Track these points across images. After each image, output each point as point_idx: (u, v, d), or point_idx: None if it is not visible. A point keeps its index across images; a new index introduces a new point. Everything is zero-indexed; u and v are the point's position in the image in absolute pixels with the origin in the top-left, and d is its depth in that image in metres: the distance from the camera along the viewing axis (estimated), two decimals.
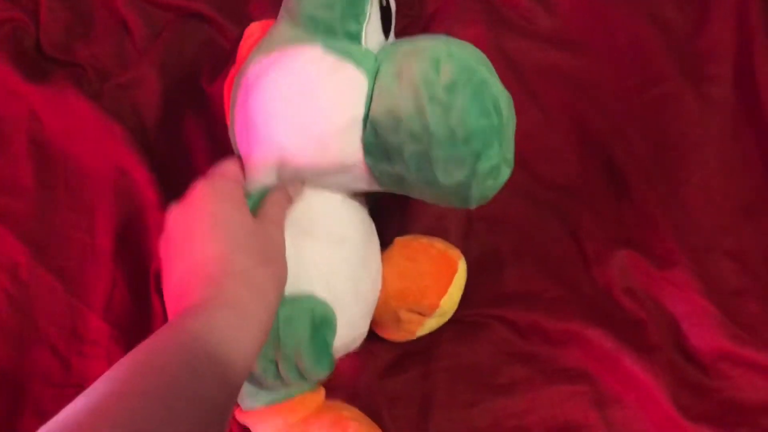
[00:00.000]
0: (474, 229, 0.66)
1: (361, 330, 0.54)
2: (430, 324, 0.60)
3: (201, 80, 0.77)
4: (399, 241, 0.59)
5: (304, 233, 0.48)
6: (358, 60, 0.44)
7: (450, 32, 0.76)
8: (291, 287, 0.46)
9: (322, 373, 0.46)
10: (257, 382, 0.49)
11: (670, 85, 0.71)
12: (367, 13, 0.45)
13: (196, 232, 0.41)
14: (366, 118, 0.43)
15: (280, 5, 0.79)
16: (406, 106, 0.41)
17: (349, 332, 0.51)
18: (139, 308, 0.66)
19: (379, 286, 0.55)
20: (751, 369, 0.58)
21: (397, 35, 0.79)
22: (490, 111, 0.41)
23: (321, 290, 0.48)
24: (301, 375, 0.46)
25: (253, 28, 0.52)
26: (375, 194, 0.51)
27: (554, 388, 0.59)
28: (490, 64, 0.44)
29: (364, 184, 0.47)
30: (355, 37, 0.45)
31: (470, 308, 0.62)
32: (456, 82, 0.41)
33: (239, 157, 0.50)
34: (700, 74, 0.72)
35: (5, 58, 0.75)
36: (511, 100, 0.44)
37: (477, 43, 0.45)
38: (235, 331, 0.37)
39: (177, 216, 0.43)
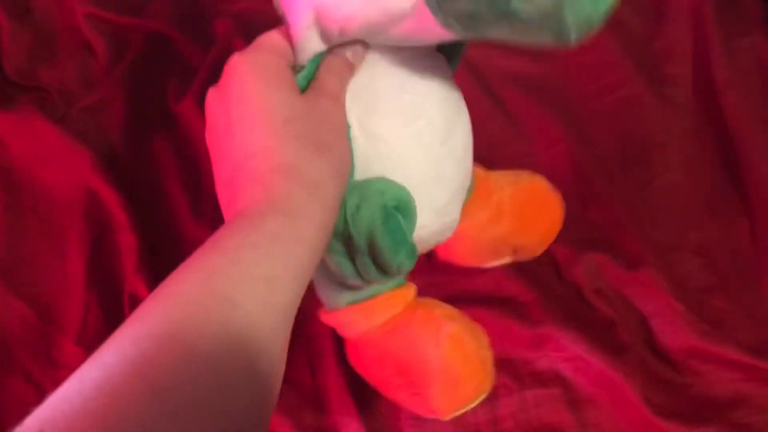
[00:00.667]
0: None
1: (451, 216, 0.47)
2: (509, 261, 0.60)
3: (167, 99, 0.77)
4: (528, 184, 0.58)
5: (369, 109, 0.41)
6: None
7: None
8: (360, 172, 0.42)
9: (403, 264, 0.40)
10: (338, 281, 0.45)
11: (631, 87, 0.73)
12: None
13: (236, 120, 0.35)
14: None
15: (243, 23, 0.80)
16: None
17: (435, 219, 0.45)
18: (113, 330, 0.65)
19: (470, 165, 0.48)
20: (720, 364, 0.59)
21: None
22: None
23: (395, 173, 0.42)
24: (381, 269, 0.41)
25: None
26: (455, 47, 0.45)
27: (528, 393, 0.59)
28: None
29: (431, 35, 0.36)
30: None
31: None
32: None
33: (285, 25, 0.40)
34: (660, 76, 0.74)
35: None
36: None
37: None
38: (290, 233, 0.32)
39: (214, 101, 0.38)
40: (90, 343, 0.65)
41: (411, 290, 0.49)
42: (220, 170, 0.36)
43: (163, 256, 0.68)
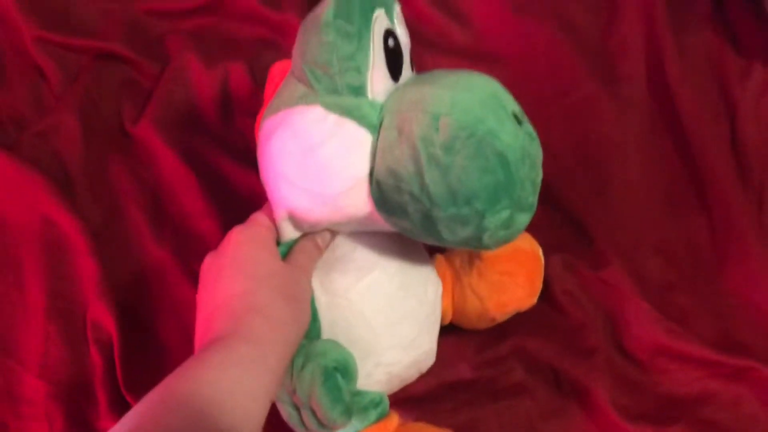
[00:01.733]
0: None
1: (423, 348, 0.53)
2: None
3: (123, 121, 0.76)
4: (486, 255, 0.57)
5: (328, 272, 0.49)
6: (360, 116, 0.42)
7: None
8: (327, 327, 0.49)
9: (338, 420, 0.45)
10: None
11: (586, 88, 0.73)
12: (370, 62, 0.42)
13: (224, 272, 0.44)
14: (372, 172, 0.42)
15: (196, 40, 0.79)
16: (405, 166, 0.40)
17: (405, 355, 0.51)
18: (75, 361, 0.64)
19: (435, 299, 0.54)
20: (686, 362, 0.60)
21: None
22: (494, 167, 0.39)
23: (357, 324, 0.49)
24: (320, 423, 0.46)
25: (276, 69, 0.50)
26: None
27: (499, 405, 0.59)
28: (505, 102, 0.41)
29: (384, 228, 0.46)
30: (359, 90, 0.43)
31: None
32: (455, 140, 0.39)
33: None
34: (614, 75, 0.75)
35: None
36: (531, 140, 0.42)
37: None
38: (256, 359, 0.39)
39: (210, 260, 0.46)
40: (51, 376, 0.63)
41: (393, 420, 0.53)
42: (202, 311, 0.44)
43: (124, 281, 0.67)
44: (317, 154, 0.42)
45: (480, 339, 0.62)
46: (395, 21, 0.45)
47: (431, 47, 0.77)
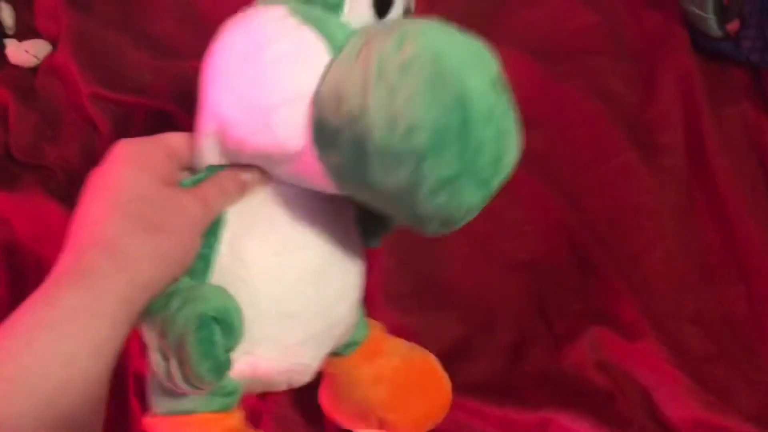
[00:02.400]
0: (444, 311, 0.68)
1: (302, 360, 0.46)
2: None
3: None
4: (421, 359, 0.56)
5: (244, 231, 0.42)
6: (324, 29, 0.36)
7: None
8: (216, 280, 0.42)
9: (205, 377, 0.39)
10: (159, 382, 0.43)
11: (624, 157, 0.74)
12: None
13: (88, 194, 0.38)
14: (316, 94, 0.36)
15: None
16: (352, 81, 0.34)
17: (279, 356, 0.44)
18: (117, 411, 0.66)
19: (347, 317, 0.47)
20: None
21: None
22: (448, 103, 0.32)
23: (245, 297, 0.41)
24: (185, 377, 0.40)
25: None
26: (378, 226, 0.48)
27: None
28: (488, 62, 0.35)
29: (319, 183, 0.39)
30: (334, 7, 0.38)
31: None
32: (413, 60, 0.33)
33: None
34: (652, 144, 0.75)
35: None
36: (504, 110, 0.36)
37: None
38: (83, 306, 0.34)
39: (89, 178, 0.39)
40: None
41: (234, 416, 0.46)
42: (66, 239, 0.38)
43: None
44: (263, 53, 0.37)
45: (506, 406, 0.62)
46: None
47: None
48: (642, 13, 0.84)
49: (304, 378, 0.47)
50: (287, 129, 0.37)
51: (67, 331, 0.33)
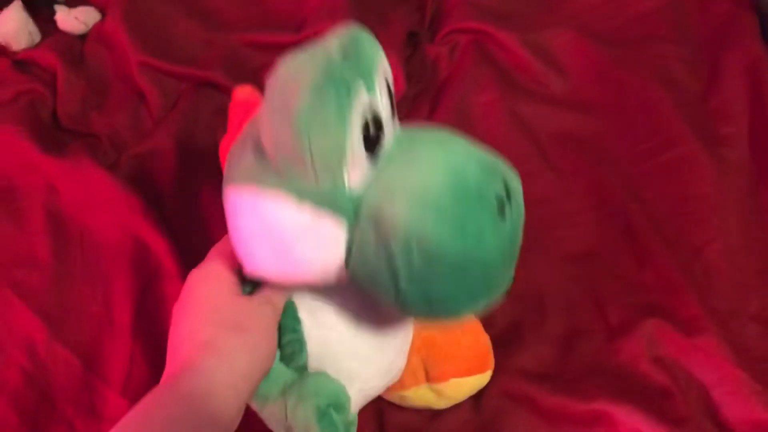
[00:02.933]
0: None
1: (396, 370, 0.54)
2: (418, 394, 0.58)
3: (217, 148, 0.77)
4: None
5: (319, 303, 0.49)
6: (336, 208, 0.39)
7: (463, 100, 0.77)
8: (314, 357, 0.48)
9: None
10: None
11: (685, 147, 0.71)
12: (347, 155, 0.38)
13: (177, 317, 0.44)
14: (348, 261, 0.40)
15: None
16: (381, 272, 0.39)
17: (383, 378, 0.53)
18: (158, 382, 0.65)
19: (409, 323, 0.55)
20: None
21: (411, 101, 0.80)
22: (474, 280, 0.38)
23: (345, 354, 0.49)
24: None
25: (239, 96, 0.52)
26: None
27: None
28: (487, 190, 0.38)
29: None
30: (335, 181, 0.39)
31: (493, 388, 0.60)
32: (433, 259, 0.37)
33: None
34: (715, 135, 0.73)
35: (23, 131, 0.76)
36: (514, 231, 0.40)
37: (491, 109, 0.44)
38: (201, 390, 0.39)
39: (175, 306, 0.46)
40: (134, 396, 0.64)
41: None
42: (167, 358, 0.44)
43: None
44: (291, 251, 0.40)
45: (560, 395, 0.60)
46: (375, 87, 0.39)
47: (527, 95, 0.77)
48: None
49: (399, 376, 0.56)
50: (326, 282, 0.42)
51: (190, 406, 0.38)
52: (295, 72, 0.37)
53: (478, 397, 0.60)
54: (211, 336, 0.42)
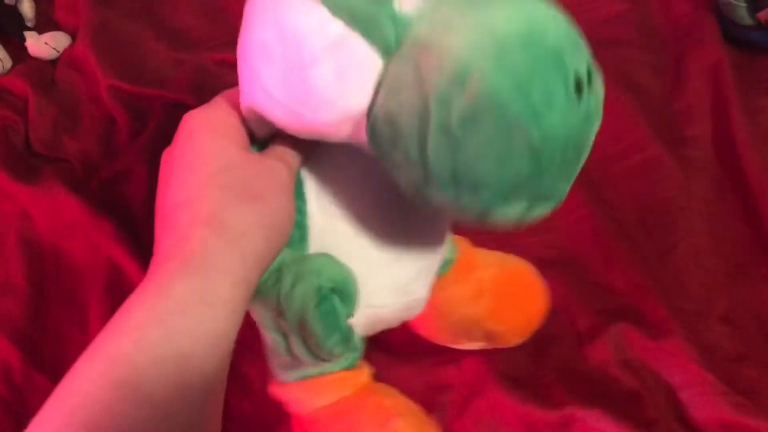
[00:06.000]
0: None
1: (415, 295, 0.45)
2: (482, 347, 0.58)
3: None
4: (515, 267, 0.57)
5: (329, 184, 0.40)
6: (374, 32, 0.30)
7: None
8: (315, 249, 0.40)
9: (334, 350, 0.39)
10: (278, 356, 0.43)
11: (650, 150, 0.72)
12: None
13: (172, 171, 0.34)
14: (371, 107, 0.32)
15: None
16: (409, 121, 0.30)
17: (396, 298, 0.44)
18: None
19: (441, 243, 0.46)
20: None
21: None
22: (520, 159, 0.29)
23: (350, 252, 0.40)
24: (312, 352, 0.39)
25: None
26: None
27: None
28: (567, 60, 0.30)
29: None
30: None
31: (463, 396, 0.61)
32: (478, 113, 0.29)
33: None
34: (679, 137, 0.73)
35: None
36: (586, 119, 0.31)
37: None
38: (198, 297, 0.29)
39: (164, 157, 0.37)
40: None
41: (363, 373, 0.47)
42: (155, 224, 0.35)
43: None
44: (306, 74, 0.31)
45: (529, 402, 0.60)
46: None
47: None
48: (671, 2, 0.82)
49: (418, 310, 0.47)
50: (341, 136, 0.34)
51: (180, 326, 0.29)
52: None
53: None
54: (218, 207, 0.32)
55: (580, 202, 0.71)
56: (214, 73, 0.85)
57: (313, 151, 0.38)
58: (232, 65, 0.84)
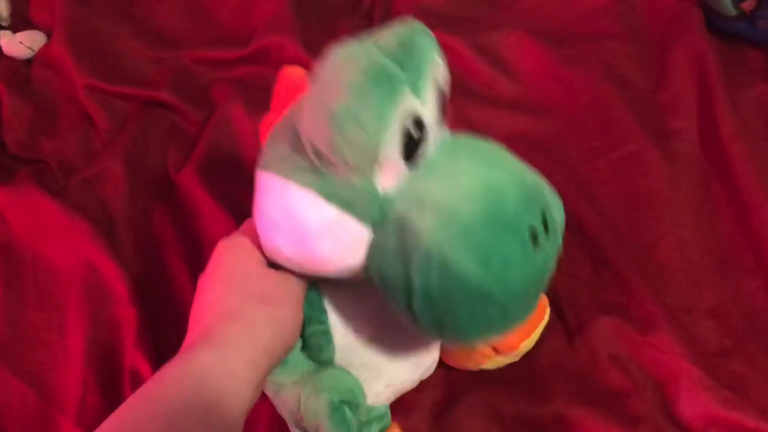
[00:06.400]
0: None
1: (427, 364, 0.53)
2: (494, 362, 0.58)
3: (168, 168, 0.77)
4: None
5: (343, 294, 0.47)
6: (362, 212, 0.38)
7: None
8: (341, 355, 0.48)
9: None
10: None
11: (635, 143, 0.71)
12: (383, 156, 0.37)
13: (204, 284, 0.43)
14: (370, 259, 0.40)
15: (242, 89, 0.80)
16: (397, 282, 0.38)
17: (414, 371, 0.51)
18: (112, 408, 0.64)
19: None
20: None
21: None
22: (491, 316, 0.37)
23: (371, 353, 0.48)
24: None
25: (286, 75, 0.45)
26: None
27: None
28: (524, 218, 0.37)
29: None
30: (366, 182, 0.38)
31: (452, 394, 0.60)
32: (452, 288, 0.36)
33: None
34: (665, 130, 0.72)
35: None
36: (545, 263, 0.38)
37: None
38: (218, 366, 0.37)
39: (201, 276, 0.45)
40: (89, 424, 0.63)
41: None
42: (188, 330, 0.42)
43: (164, 330, 0.67)
44: (311, 245, 0.39)
45: (519, 399, 0.60)
46: (424, 90, 0.38)
47: (477, 99, 0.76)
48: None
49: (433, 368, 0.54)
50: (346, 279, 0.42)
51: (205, 383, 0.36)
52: (342, 65, 0.36)
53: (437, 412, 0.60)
54: (237, 305, 0.41)
55: (564, 195, 0.69)
56: (193, 71, 0.83)
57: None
58: (210, 63, 0.84)
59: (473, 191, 0.37)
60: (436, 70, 0.40)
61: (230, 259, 0.44)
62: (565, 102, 0.76)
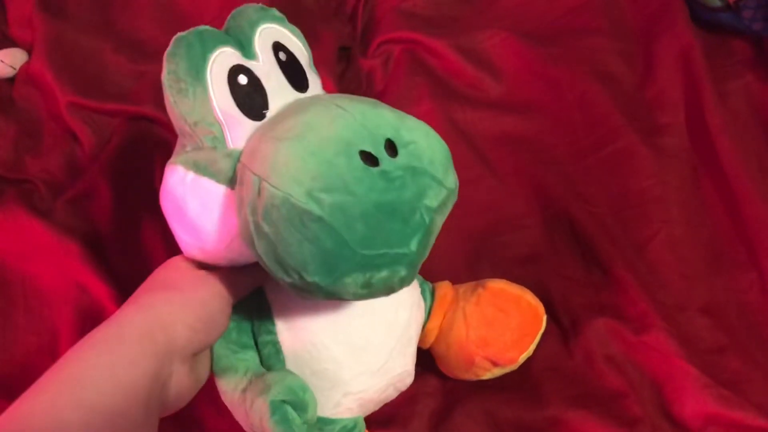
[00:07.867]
0: None
1: (396, 371, 0.52)
2: (499, 372, 0.58)
3: (155, 183, 0.76)
4: (491, 286, 0.57)
5: (290, 303, 0.49)
6: (215, 171, 0.41)
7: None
8: (291, 361, 0.49)
9: None
10: None
11: (624, 140, 0.71)
12: (215, 111, 0.41)
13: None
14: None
15: None
16: (245, 231, 0.39)
17: (376, 380, 0.50)
18: None
19: (409, 320, 0.52)
20: (741, 431, 0.56)
21: None
22: (315, 236, 0.36)
23: (320, 355, 0.48)
24: None
25: None
26: None
27: None
28: (352, 142, 0.37)
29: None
30: (216, 140, 0.42)
31: (447, 400, 0.60)
32: (271, 209, 0.36)
33: None
34: (653, 125, 0.72)
35: None
36: (388, 183, 0.37)
37: (428, 119, 0.44)
38: (115, 338, 0.39)
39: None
40: None
41: None
42: None
43: None
44: (185, 214, 0.43)
45: (516, 405, 0.60)
46: (251, 49, 0.44)
47: (462, 101, 0.76)
48: None
49: (408, 380, 0.53)
50: (245, 256, 0.43)
51: (109, 349, 0.38)
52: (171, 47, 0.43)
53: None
54: (137, 295, 0.44)
55: (554, 196, 0.70)
56: None
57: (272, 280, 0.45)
58: None
59: (296, 129, 0.38)
60: (270, 34, 0.46)
61: (159, 270, 0.47)
62: (552, 100, 0.75)
